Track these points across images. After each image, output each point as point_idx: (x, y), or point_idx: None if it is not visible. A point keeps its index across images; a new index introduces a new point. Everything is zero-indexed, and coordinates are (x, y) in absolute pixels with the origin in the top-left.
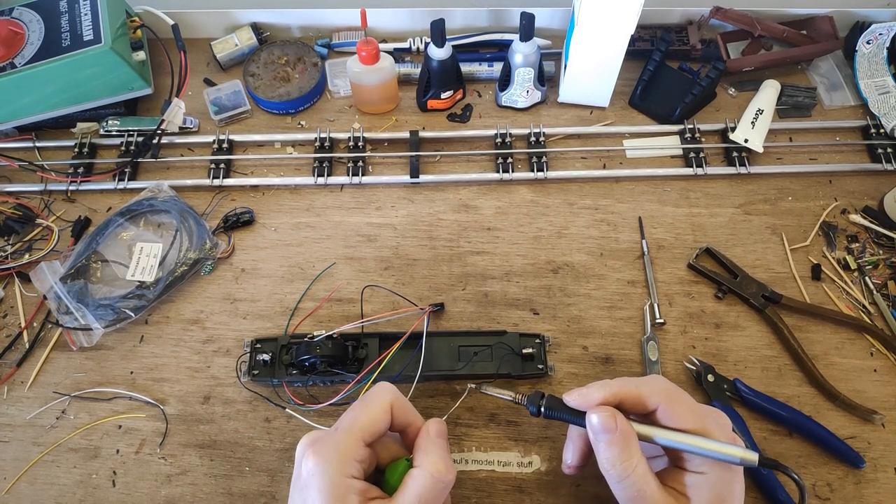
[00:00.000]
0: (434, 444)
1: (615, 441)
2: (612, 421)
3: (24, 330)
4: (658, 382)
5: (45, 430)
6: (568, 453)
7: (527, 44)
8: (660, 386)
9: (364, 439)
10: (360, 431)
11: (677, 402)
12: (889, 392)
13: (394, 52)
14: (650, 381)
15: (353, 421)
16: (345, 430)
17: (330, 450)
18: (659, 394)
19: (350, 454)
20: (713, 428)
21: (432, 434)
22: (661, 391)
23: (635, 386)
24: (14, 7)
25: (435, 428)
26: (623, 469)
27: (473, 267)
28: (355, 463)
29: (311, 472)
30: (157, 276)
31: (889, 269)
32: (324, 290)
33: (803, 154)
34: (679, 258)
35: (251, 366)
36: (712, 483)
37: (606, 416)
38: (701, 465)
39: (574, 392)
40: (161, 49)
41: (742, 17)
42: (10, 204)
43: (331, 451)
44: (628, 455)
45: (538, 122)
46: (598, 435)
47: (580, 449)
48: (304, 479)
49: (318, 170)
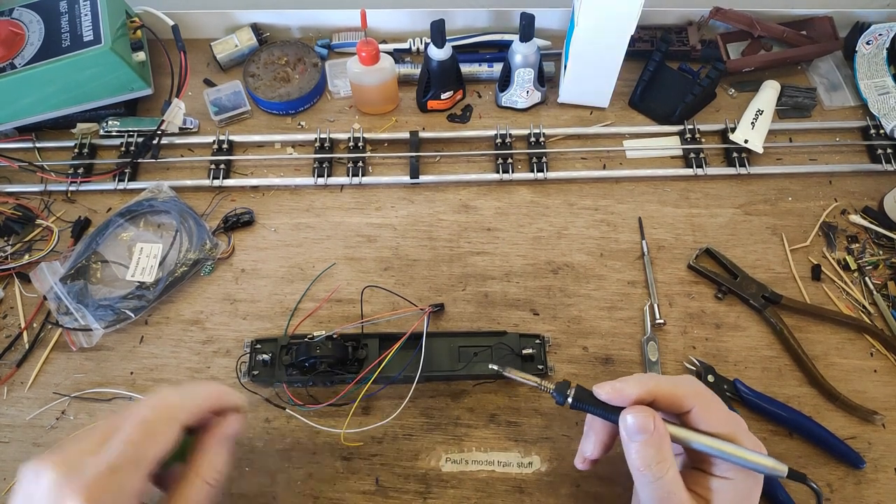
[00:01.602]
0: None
1: (651, 442)
2: (650, 421)
3: (23, 330)
4: (693, 383)
5: (45, 430)
6: (588, 445)
7: (527, 44)
8: (695, 387)
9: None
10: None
11: (712, 405)
12: (889, 392)
13: (394, 52)
14: (685, 381)
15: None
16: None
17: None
18: (695, 395)
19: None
20: (742, 435)
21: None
22: (696, 393)
23: (672, 385)
24: (14, 7)
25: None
26: (658, 470)
27: (473, 267)
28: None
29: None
30: (157, 276)
31: (889, 270)
32: (324, 291)
33: (803, 154)
34: (679, 258)
35: (251, 366)
36: (736, 489)
37: (645, 416)
38: (727, 471)
39: (606, 385)
40: (161, 49)
41: (742, 18)
42: (10, 204)
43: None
44: (662, 456)
45: (538, 123)
46: (634, 435)
47: (602, 442)
48: None
49: (318, 170)
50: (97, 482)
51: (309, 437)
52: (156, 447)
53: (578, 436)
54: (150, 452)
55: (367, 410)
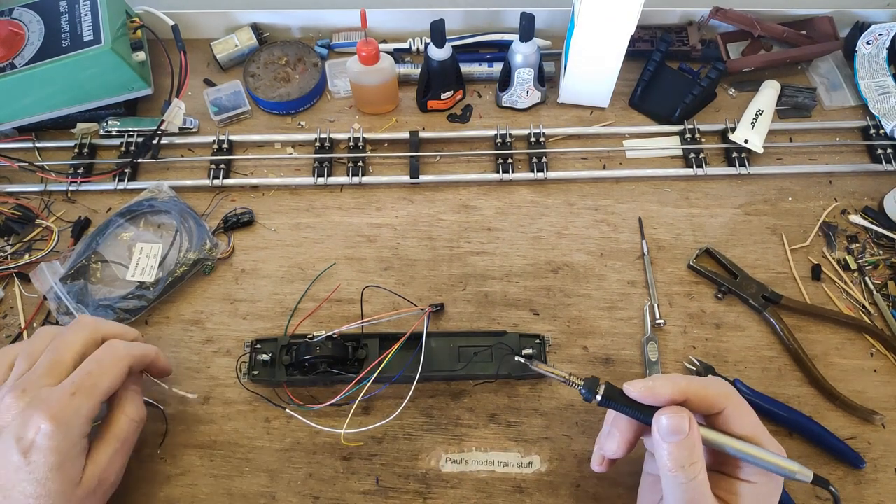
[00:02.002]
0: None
1: (685, 443)
2: (686, 422)
3: (23, 330)
4: (724, 385)
5: None
6: (612, 444)
7: (527, 44)
8: (726, 389)
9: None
10: (102, 396)
11: (743, 408)
12: (889, 392)
13: (394, 52)
14: (716, 382)
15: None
16: (86, 395)
17: (71, 415)
18: (727, 397)
19: (88, 417)
20: (766, 438)
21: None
22: (728, 395)
23: (703, 386)
24: (14, 7)
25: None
26: (691, 471)
27: (473, 267)
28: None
29: (47, 435)
30: (157, 276)
31: (889, 270)
32: (324, 291)
33: (803, 154)
34: (679, 258)
35: (251, 366)
36: (760, 493)
37: (680, 417)
38: (752, 475)
39: (637, 383)
40: (161, 49)
41: (742, 18)
42: (10, 204)
43: (72, 417)
44: (695, 458)
45: (538, 123)
46: (668, 435)
47: (628, 441)
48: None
49: (318, 170)
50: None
51: (309, 437)
52: (109, 382)
53: (579, 436)
54: (104, 385)
55: (367, 410)
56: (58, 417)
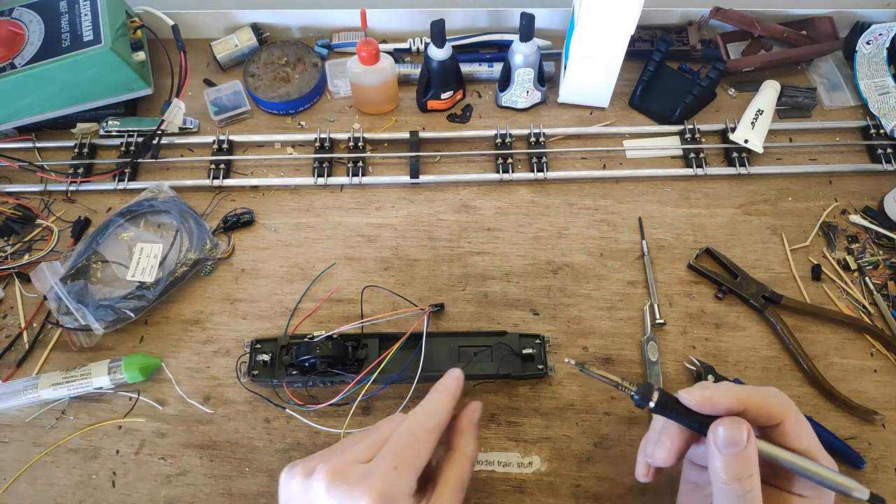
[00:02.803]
0: (471, 427)
1: (742, 456)
2: (744, 434)
3: (23, 330)
4: (782, 397)
5: (44, 430)
6: (661, 452)
7: (527, 44)
8: (786, 401)
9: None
10: (421, 468)
11: (801, 421)
12: (889, 392)
13: (394, 52)
14: (774, 393)
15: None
16: (407, 470)
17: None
18: (786, 409)
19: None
20: (820, 452)
21: (473, 419)
22: (787, 407)
23: (762, 397)
24: (14, 7)
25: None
26: (746, 484)
27: (473, 267)
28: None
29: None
30: (157, 276)
31: (889, 270)
32: (324, 291)
33: (803, 154)
34: (679, 258)
35: (251, 366)
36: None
37: (739, 428)
38: (805, 489)
39: (694, 392)
40: (161, 49)
41: (742, 18)
42: (10, 204)
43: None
44: (752, 471)
45: (538, 123)
46: (725, 447)
47: (679, 450)
48: None
49: (318, 170)
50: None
51: (309, 437)
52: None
53: (579, 436)
54: (422, 459)
55: (367, 410)
56: (383, 495)
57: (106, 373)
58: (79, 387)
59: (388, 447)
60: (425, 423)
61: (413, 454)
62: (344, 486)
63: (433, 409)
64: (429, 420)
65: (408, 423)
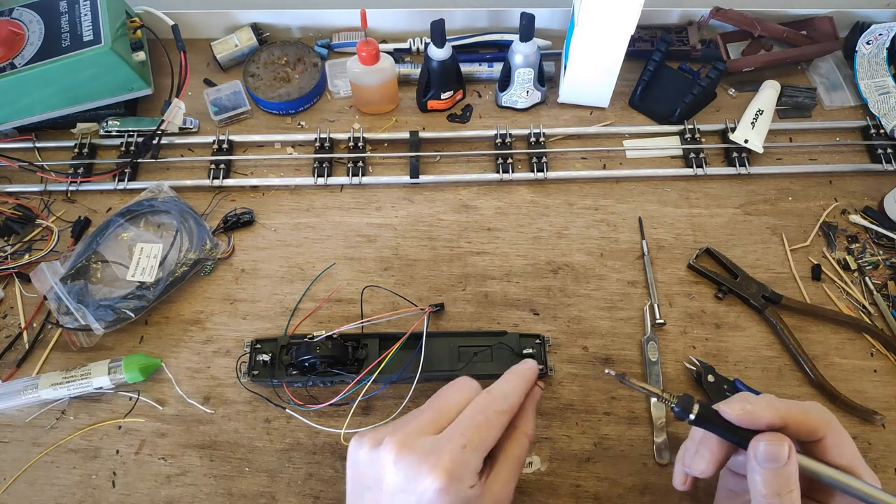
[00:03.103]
0: (533, 408)
1: (783, 472)
2: (785, 450)
3: (23, 330)
4: (824, 411)
5: (44, 430)
6: (700, 463)
7: (527, 44)
8: (828, 416)
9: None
10: (488, 449)
11: (843, 436)
12: (889, 392)
13: (394, 52)
14: (816, 408)
15: (485, 441)
16: (475, 449)
17: (463, 470)
18: (828, 425)
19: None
20: (863, 468)
21: (535, 400)
22: (829, 422)
23: (804, 412)
24: (14, 7)
25: (538, 396)
26: (787, 499)
27: (473, 267)
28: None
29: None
30: (158, 276)
31: (889, 270)
32: (324, 291)
33: (803, 154)
34: (679, 258)
35: (251, 366)
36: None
37: (780, 444)
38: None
39: (735, 405)
40: (161, 49)
41: (742, 18)
42: (10, 204)
43: (463, 472)
44: (791, 486)
45: (538, 123)
46: (766, 462)
47: (719, 461)
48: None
49: (318, 170)
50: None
51: (309, 437)
52: (493, 438)
53: (579, 436)
54: (489, 441)
55: (367, 410)
56: (451, 472)
57: (106, 373)
58: (79, 387)
59: (459, 423)
60: (498, 404)
61: (482, 435)
62: (411, 459)
63: (507, 392)
64: (502, 402)
65: (481, 401)
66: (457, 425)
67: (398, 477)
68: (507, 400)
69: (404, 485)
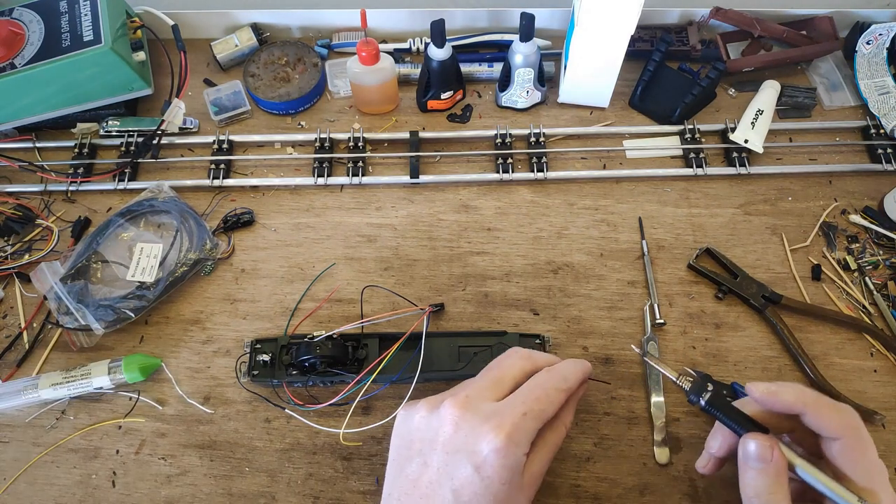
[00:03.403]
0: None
1: (767, 472)
2: (770, 452)
3: (23, 330)
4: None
5: (44, 430)
6: (715, 442)
7: (527, 44)
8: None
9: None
10: (544, 422)
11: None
12: (889, 392)
13: (394, 52)
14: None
15: (543, 413)
16: (534, 418)
17: (521, 436)
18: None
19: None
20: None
21: (578, 394)
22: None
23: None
24: (14, 7)
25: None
26: (767, 501)
27: (473, 267)
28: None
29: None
30: (158, 276)
31: (889, 270)
32: (324, 291)
33: (803, 154)
34: (679, 258)
35: (251, 366)
36: None
37: (766, 444)
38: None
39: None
40: (161, 49)
41: (742, 18)
42: (10, 204)
43: (521, 437)
44: (775, 489)
45: (538, 123)
46: (751, 461)
47: (730, 445)
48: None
49: (318, 170)
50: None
51: (309, 437)
52: (551, 411)
53: (579, 436)
54: (548, 413)
55: (367, 410)
56: (511, 436)
57: (106, 373)
58: (79, 387)
59: (520, 393)
60: (558, 382)
61: (541, 406)
62: (475, 420)
63: (566, 374)
64: (562, 381)
65: (542, 377)
66: (518, 395)
67: (459, 436)
68: (567, 381)
69: (463, 444)
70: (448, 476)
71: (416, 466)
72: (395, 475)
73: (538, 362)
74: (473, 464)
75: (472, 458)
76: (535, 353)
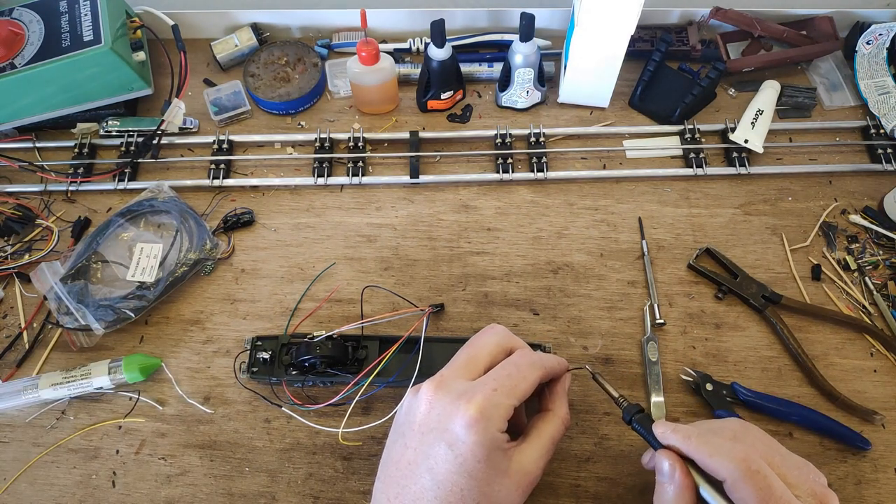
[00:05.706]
0: (564, 393)
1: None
2: (673, 471)
3: (23, 330)
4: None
5: (45, 430)
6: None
7: (527, 44)
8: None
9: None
10: (518, 399)
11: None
12: (889, 392)
13: (394, 52)
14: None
15: (515, 389)
16: (506, 394)
17: (492, 410)
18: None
19: (505, 417)
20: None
21: (565, 386)
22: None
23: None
24: (14, 7)
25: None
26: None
27: (473, 267)
28: (506, 422)
29: (470, 427)
30: (158, 276)
31: (889, 270)
32: (324, 291)
33: (803, 154)
34: (679, 258)
35: (251, 363)
36: None
37: (669, 463)
38: None
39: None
40: (161, 49)
41: (742, 18)
42: (10, 204)
43: (493, 412)
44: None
45: (538, 123)
46: (658, 475)
47: None
48: (457, 432)
49: (318, 170)
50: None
51: (309, 437)
52: (526, 387)
53: (579, 436)
54: (522, 390)
55: (366, 410)
56: (481, 410)
57: (106, 373)
58: (79, 387)
59: (493, 372)
60: (529, 359)
61: (513, 382)
62: (445, 398)
63: (541, 357)
64: (534, 358)
65: (516, 356)
66: (490, 373)
67: (432, 415)
68: (541, 360)
69: (436, 423)
70: (424, 455)
71: (399, 448)
72: (384, 459)
73: (515, 340)
74: (447, 441)
75: (445, 436)
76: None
